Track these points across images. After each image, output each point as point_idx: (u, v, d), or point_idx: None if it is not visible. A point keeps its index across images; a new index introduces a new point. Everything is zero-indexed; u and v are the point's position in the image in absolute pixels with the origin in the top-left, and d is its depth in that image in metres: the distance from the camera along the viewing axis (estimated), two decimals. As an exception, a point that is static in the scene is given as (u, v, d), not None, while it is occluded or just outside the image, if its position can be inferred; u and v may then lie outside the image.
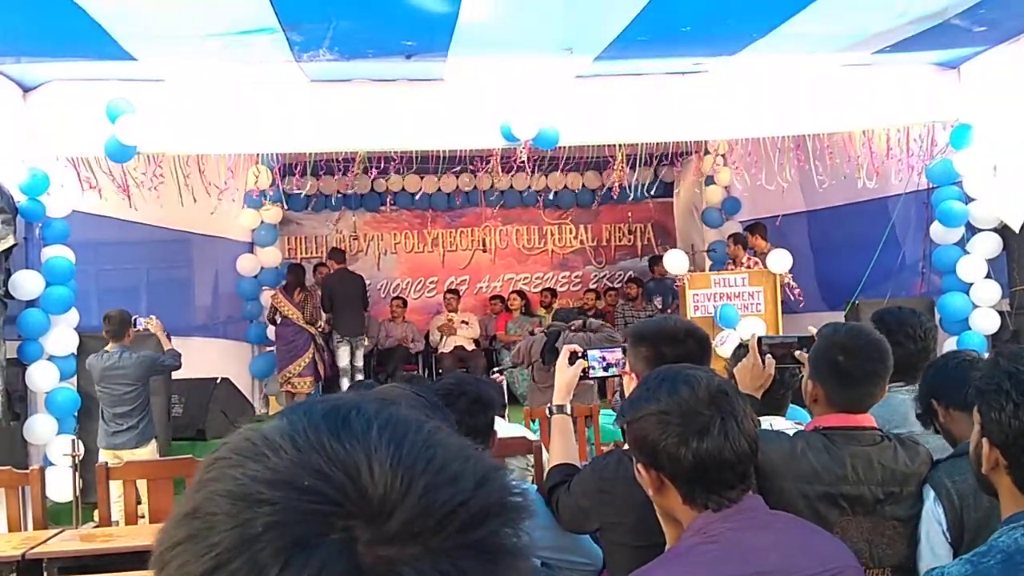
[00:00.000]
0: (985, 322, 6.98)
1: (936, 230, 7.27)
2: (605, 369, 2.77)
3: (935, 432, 2.75)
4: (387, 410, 0.63)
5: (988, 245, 7.01)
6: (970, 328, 7.04)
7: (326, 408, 0.63)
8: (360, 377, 9.55)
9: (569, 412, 2.71)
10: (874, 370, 2.37)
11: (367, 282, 10.42)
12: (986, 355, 2.48)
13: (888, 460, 2.30)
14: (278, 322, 9.67)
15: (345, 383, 9.49)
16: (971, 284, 7.05)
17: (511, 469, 4.13)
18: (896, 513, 2.29)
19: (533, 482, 3.94)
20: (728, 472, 1.64)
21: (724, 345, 7.92)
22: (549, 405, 2.76)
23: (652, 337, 2.41)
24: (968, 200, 7.03)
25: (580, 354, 2.74)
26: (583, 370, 2.73)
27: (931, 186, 7.32)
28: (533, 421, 5.35)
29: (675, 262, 8.58)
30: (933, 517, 2.25)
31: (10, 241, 5.82)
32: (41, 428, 6.19)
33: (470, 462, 0.61)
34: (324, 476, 0.57)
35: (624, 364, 2.63)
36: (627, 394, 2.43)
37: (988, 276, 7.02)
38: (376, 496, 0.56)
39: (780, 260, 8.32)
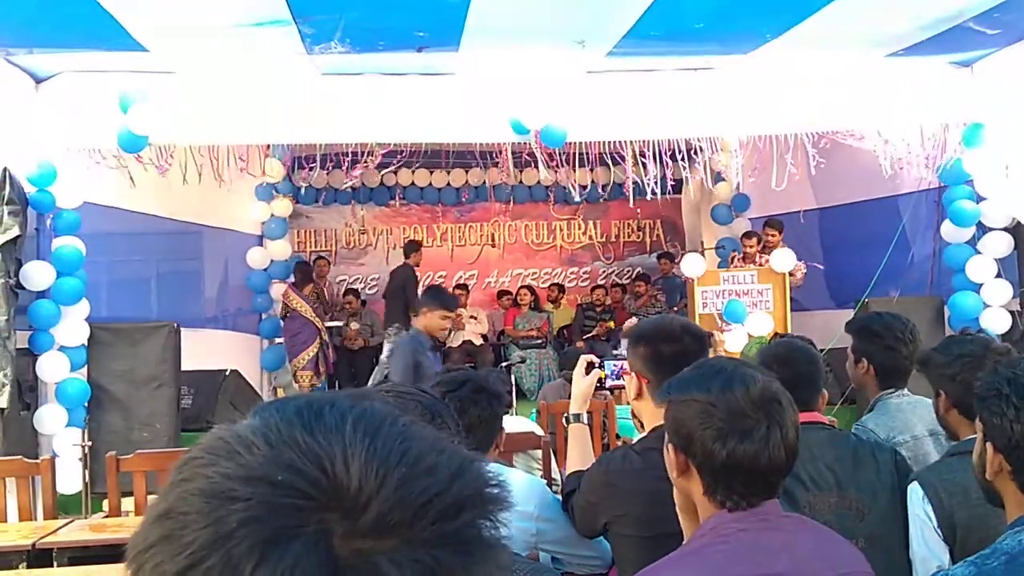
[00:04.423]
0: (996, 322, 6.94)
1: (947, 229, 7.24)
2: (618, 378, 2.80)
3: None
4: (361, 405, 0.63)
5: (999, 244, 6.98)
6: (980, 328, 7.01)
7: (299, 404, 0.63)
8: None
9: (586, 421, 2.75)
10: (802, 371, 2.59)
11: (376, 276, 10.41)
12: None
13: (840, 442, 2.48)
14: (286, 316, 9.74)
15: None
16: (981, 284, 7.02)
17: (489, 461, 4.14)
18: (860, 487, 2.40)
19: (542, 477, 3.96)
20: (758, 480, 1.61)
21: (729, 334, 7.92)
22: (566, 414, 2.79)
23: (650, 336, 2.42)
24: (979, 199, 7.00)
25: (597, 364, 2.77)
26: (599, 379, 2.76)
27: (942, 185, 7.29)
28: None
29: (692, 266, 8.57)
30: (923, 514, 2.30)
31: (15, 232, 5.82)
32: (51, 418, 6.21)
33: (445, 454, 0.61)
34: (297, 471, 0.57)
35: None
36: (630, 393, 2.46)
37: (999, 275, 6.99)
38: (351, 489, 0.56)
39: (784, 260, 8.31)
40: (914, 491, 2.32)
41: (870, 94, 6.71)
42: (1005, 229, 6.95)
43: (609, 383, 2.83)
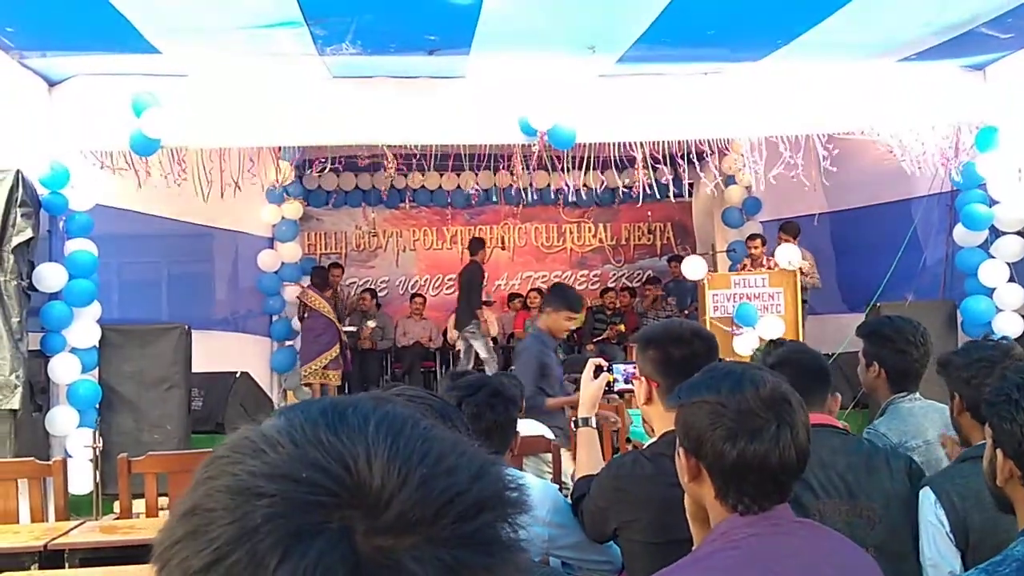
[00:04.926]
0: (1008, 326, 6.90)
1: (959, 233, 7.21)
2: (627, 382, 2.80)
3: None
4: (383, 407, 0.64)
5: (1012, 248, 6.94)
6: (993, 332, 6.97)
7: (323, 406, 0.64)
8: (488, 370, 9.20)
9: (594, 425, 2.76)
10: (808, 368, 2.59)
11: (386, 279, 10.41)
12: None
13: (852, 447, 2.44)
14: (305, 316, 9.79)
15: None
16: (994, 288, 6.99)
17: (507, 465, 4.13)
18: (872, 495, 2.37)
19: (552, 481, 3.95)
20: (768, 480, 1.61)
21: (739, 337, 7.90)
22: (574, 418, 2.79)
23: (659, 339, 2.42)
24: (992, 203, 6.97)
25: (605, 368, 2.77)
26: (608, 383, 2.76)
27: (954, 189, 7.26)
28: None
29: (693, 268, 8.55)
30: (935, 520, 2.28)
31: (28, 234, 5.85)
32: (62, 420, 6.24)
33: (466, 456, 0.62)
34: (321, 468, 0.58)
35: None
36: (639, 398, 2.46)
37: (1011, 279, 6.95)
38: (373, 487, 0.57)
39: (788, 255, 8.28)
40: (926, 496, 2.31)
41: (882, 98, 6.68)
42: (1018, 233, 6.91)
43: (618, 387, 2.83)
